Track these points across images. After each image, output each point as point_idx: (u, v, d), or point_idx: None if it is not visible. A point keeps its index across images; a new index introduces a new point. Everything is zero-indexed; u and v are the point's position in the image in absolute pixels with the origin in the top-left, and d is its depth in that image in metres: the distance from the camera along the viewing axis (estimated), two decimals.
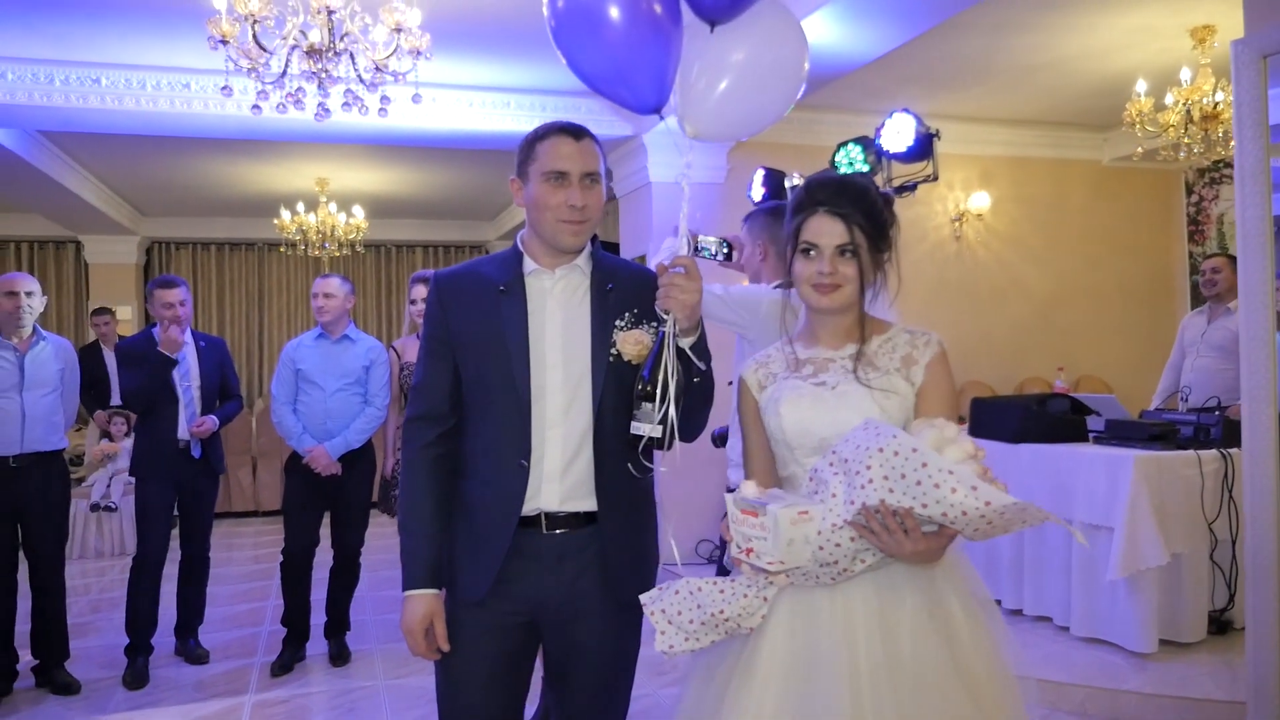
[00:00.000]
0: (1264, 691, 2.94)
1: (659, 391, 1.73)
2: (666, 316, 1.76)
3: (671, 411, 1.74)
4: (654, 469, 1.90)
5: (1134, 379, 7.23)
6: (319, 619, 4.51)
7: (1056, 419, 4.55)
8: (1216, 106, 5.25)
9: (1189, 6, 4.99)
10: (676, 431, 1.76)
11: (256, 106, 4.11)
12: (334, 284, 4.42)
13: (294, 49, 3.87)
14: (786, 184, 5.09)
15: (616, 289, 1.91)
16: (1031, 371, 7.50)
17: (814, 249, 1.73)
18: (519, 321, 1.87)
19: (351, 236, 8.60)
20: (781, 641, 1.65)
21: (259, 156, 7.61)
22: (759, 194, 5.35)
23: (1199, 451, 4.06)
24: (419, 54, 3.94)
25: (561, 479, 1.86)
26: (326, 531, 4.45)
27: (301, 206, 8.42)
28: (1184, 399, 5.08)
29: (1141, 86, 5.47)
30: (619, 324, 1.87)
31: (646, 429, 1.75)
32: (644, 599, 1.70)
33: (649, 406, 1.74)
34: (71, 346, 4.32)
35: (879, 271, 1.76)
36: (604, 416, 1.85)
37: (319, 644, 4.50)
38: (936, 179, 4.53)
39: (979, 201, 7.30)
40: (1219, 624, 4.11)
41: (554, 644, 1.93)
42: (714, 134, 1.88)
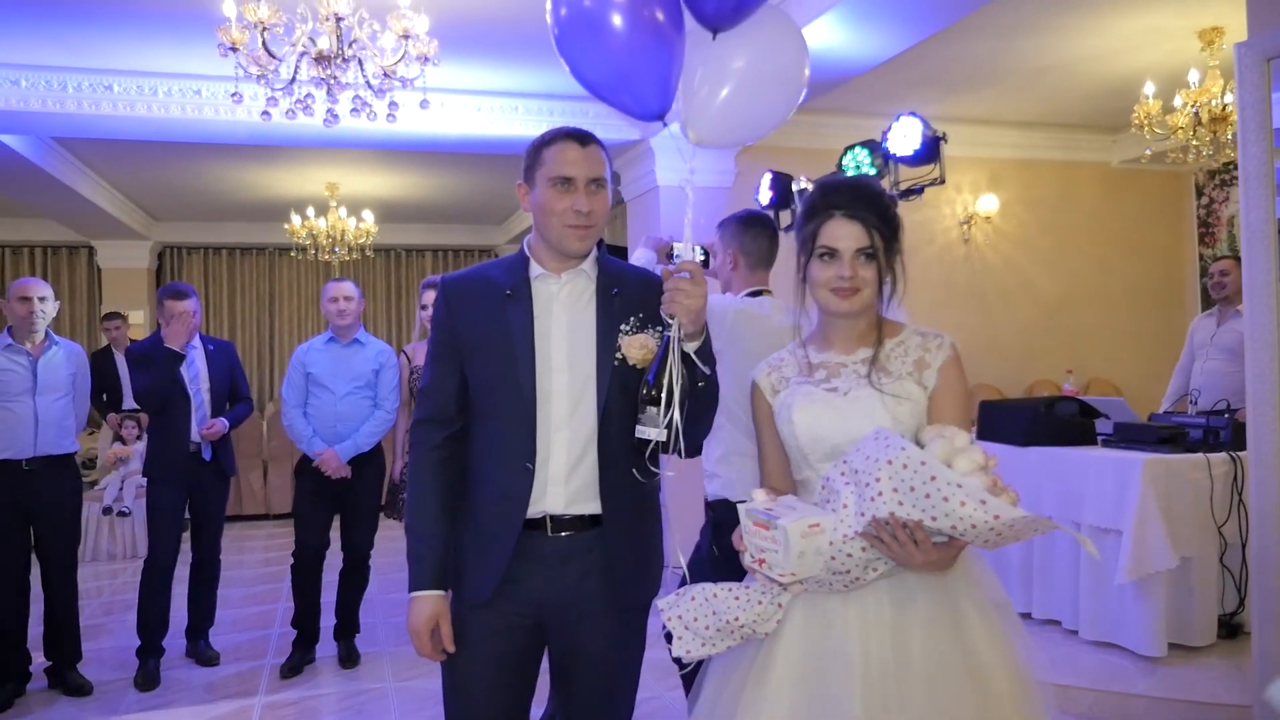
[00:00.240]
0: None
1: (664, 396, 1.74)
2: (671, 321, 1.77)
3: (676, 415, 1.74)
4: (659, 473, 1.91)
5: (1144, 382, 7.19)
6: (328, 621, 4.53)
7: (1065, 422, 4.54)
8: (1225, 108, 5.22)
9: (1197, 8, 4.97)
10: (681, 435, 1.77)
11: (266, 113, 4.14)
12: (350, 287, 4.47)
13: (303, 56, 3.90)
14: (794, 187, 5.12)
15: (622, 293, 1.92)
16: (1040, 374, 7.47)
17: (832, 253, 1.73)
18: (525, 325, 1.89)
19: (361, 241, 8.63)
20: (795, 645, 1.66)
21: (269, 162, 7.65)
22: (766, 197, 5.38)
23: (1208, 454, 4.05)
24: (426, 60, 3.97)
25: (566, 482, 1.87)
26: (336, 534, 4.48)
27: (311, 211, 8.46)
28: (1193, 402, 5.06)
29: (1150, 89, 5.45)
30: (624, 328, 1.88)
31: (651, 433, 1.76)
32: (660, 604, 1.71)
33: (654, 410, 1.75)
34: (83, 351, 4.35)
35: (891, 274, 1.76)
36: (609, 420, 1.86)
37: (328, 646, 4.52)
38: (943, 182, 4.53)
39: (987, 204, 7.28)
40: (1229, 628, 4.09)
41: (559, 646, 1.94)
42: (717, 140, 1.89)
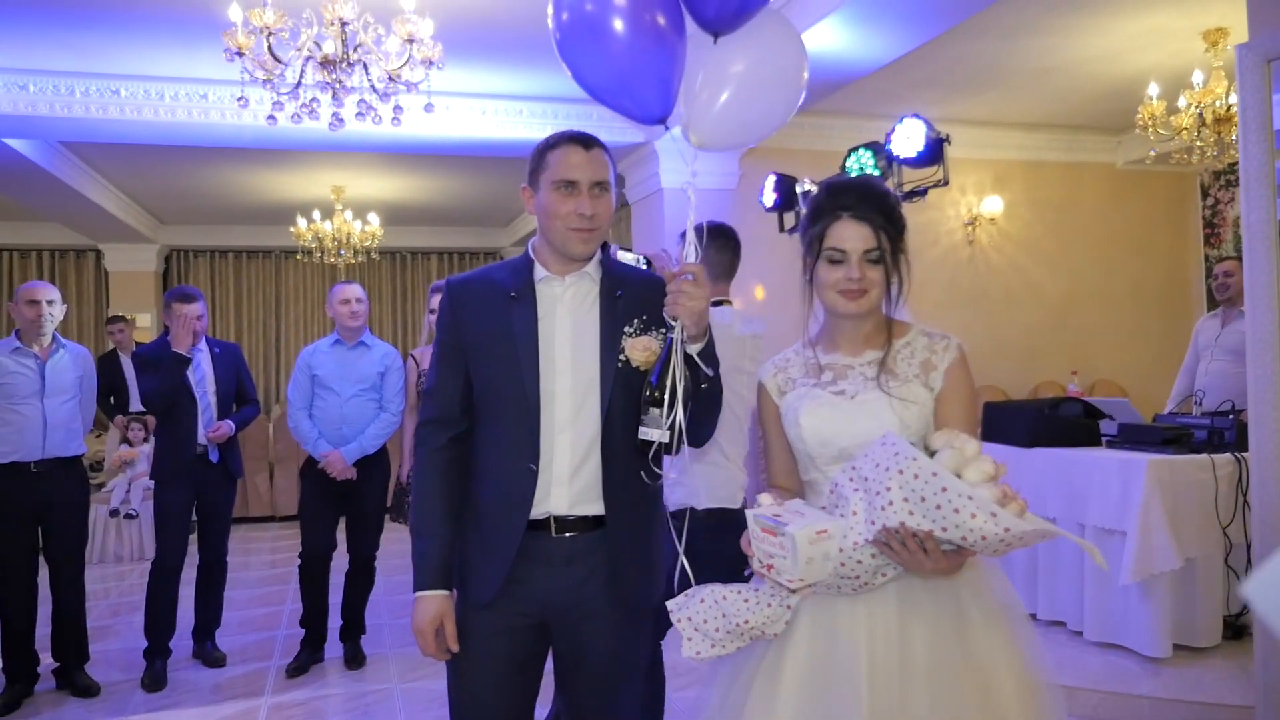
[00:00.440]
0: (1272, 694, 2.92)
1: (666, 397, 1.75)
2: (674, 323, 1.78)
3: (679, 416, 1.75)
4: (664, 474, 1.92)
5: (1149, 382, 7.18)
6: (334, 622, 4.55)
7: (1069, 423, 4.54)
8: (1229, 109, 5.21)
9: (1201, 9, 4.97)
10: (684, 437, 1.78)
11: (272, 117, 4.17)
12: (359, 290, 4.49)
13: (308, 60, 3.93)
14: (798, 189, 5.13)
15: (626, 296, 1.93)
16: (1045, 375, 7.46)
17: (840, 255, 1.73)
18: (529, 327, 1.90)
19: (367, 244, 8.66)
20: (803, 647, 1.67)
21: (275, 165, 7.69)
22: (770, 199, 5.39)
23: (1212, 455, 4.05)
24: (431, 64, 3.99)
25: (570, 483, 1.88)
26: (342, 536, 4.50)
27: (317, 214, 8.50)
28: (1198, 403, 5.05)
29: (1154, 90, 5.45)
30: (628, 330, 1.89)
31: (654, 434, 1.77)
32: (670, 606, 1.71)
33: (657, 412, 1.76)
34: (89, 354, 4.37)
35: (896, 274, 1.77)
36: (612, 421, 1.87)
37: (334, 647, 4.54)
38: (947, 184, 4.54)
39: (992, 205, 7.28)
40: (1234, 629, 4.10)
41: (563, 646, 1.95)
42: (718, 143, 1.89)
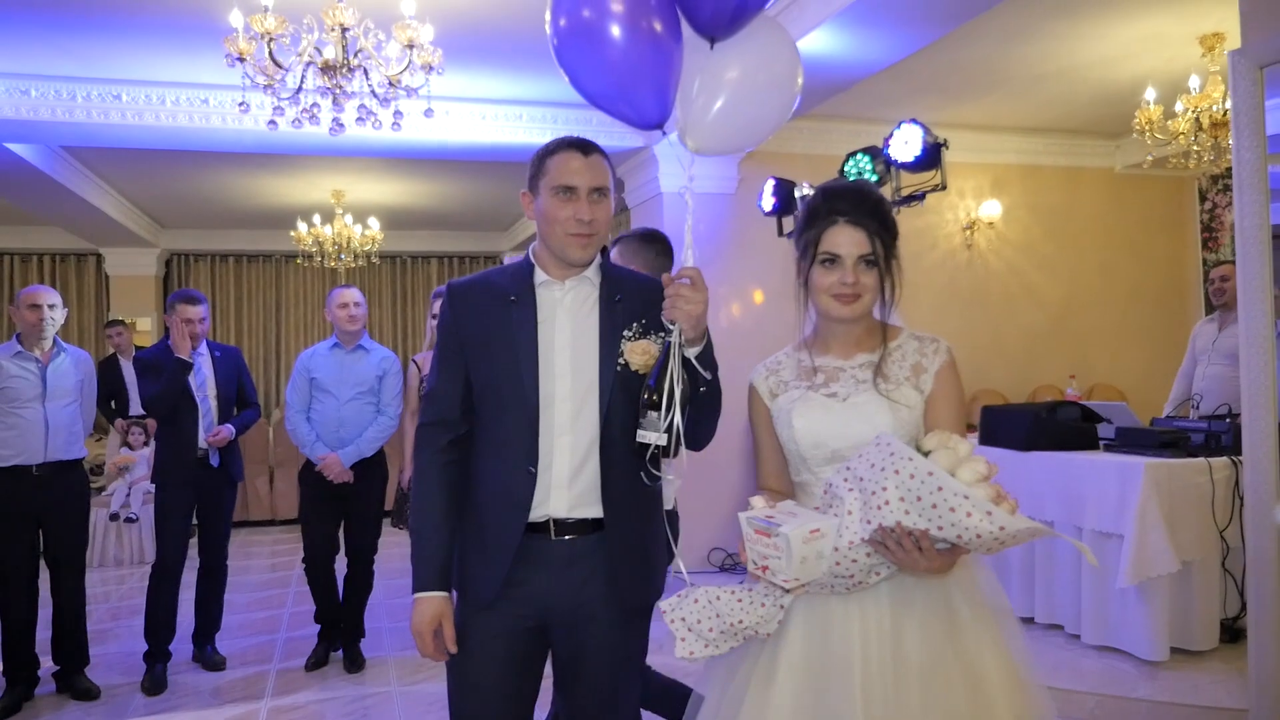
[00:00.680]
0: (1265, 697, 2.94)
1: (664, 400, 1.76)
2: (672, 327, 1.79)
3: (677, 419, 1.77)
4: (662, 477, 1.94)
5: (1147, 386, 7.19)
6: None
7: (1067, 426, 4.56)
8: (1226, 114, 5.23)
9: (1198, 14, 4.99)
10: (682, 439, 1.79)
11: (273, 121, 4.18)
12: (357, 294, 4.52)
13: (309, 65, 3.95)
14: (796, 193, 5.15)
15: (624, 300, 1.95)
16: (1044, 379, 7.47)
17: (835, 259, 1.76)
18: (529, 331, 1.91)
19: (367, 248, 8.67)
20: (798, 645, 1.69)
21: (276, 170, 7.70)
22: (769, 203, 5.41)
23: (1209, 459, 4.06)
24: (431, 69, 4.01)
25: (569, 486, 1.89)
26: (343, 537, 4.51)
27: (318, 219, 8.50)
28: (1195, 406, 5.07)
29: (1151, 94, 5.47)
30: (627, 334, 1.91)
31: (653, 437, 1.78)
32: (663, 606, 1.73)
33: (655, 415, 1.77)
34: (90, 358, 4.38)
35: (890, 279, 1.79)
36: (611, 425, 1.89)
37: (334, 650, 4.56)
38: (945, 188, 4.56)
39: (990, 209, 7.29)
40: (1231, 632, 4.10)
41: (562, 648, 1.97)
42: (715, 148, 1.91)
